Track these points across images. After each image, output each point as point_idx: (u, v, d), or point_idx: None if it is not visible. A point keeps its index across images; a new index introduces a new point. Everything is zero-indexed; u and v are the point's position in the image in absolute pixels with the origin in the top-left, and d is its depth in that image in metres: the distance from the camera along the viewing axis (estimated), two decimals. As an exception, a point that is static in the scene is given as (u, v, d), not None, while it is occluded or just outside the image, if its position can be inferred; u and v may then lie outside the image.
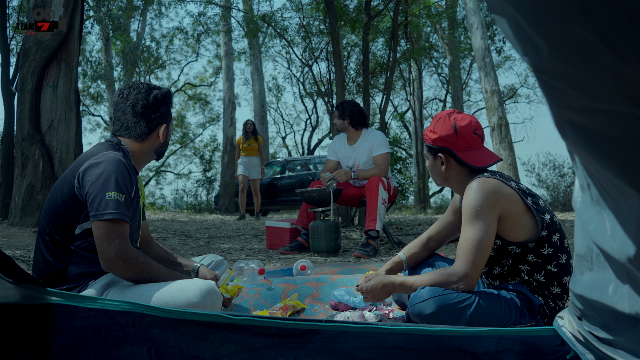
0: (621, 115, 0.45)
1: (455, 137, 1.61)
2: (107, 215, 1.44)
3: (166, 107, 1.71)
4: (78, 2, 4.57)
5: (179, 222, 6.91)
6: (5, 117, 5.56)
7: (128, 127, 1.67)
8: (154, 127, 1.69)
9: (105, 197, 1.45)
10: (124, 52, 13.20)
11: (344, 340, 1.13)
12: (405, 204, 14.48)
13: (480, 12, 8.76)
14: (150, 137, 1.69)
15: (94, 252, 1.52)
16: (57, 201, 1.54)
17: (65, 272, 1.53)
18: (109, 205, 1.44)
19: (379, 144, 3.92)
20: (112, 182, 1.47)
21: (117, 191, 1.47)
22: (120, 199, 1.47)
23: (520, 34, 0.46)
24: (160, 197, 24.47)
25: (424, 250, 1.92)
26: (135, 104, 1.65)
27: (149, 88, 1.68)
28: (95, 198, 1.45)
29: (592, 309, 0.88)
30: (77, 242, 1.54)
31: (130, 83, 1.71)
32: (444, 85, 18.13)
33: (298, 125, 35.81)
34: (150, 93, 1.67)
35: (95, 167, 1.49)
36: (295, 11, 7.90)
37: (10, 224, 4.22)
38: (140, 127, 1.67)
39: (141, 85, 1.68)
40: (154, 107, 1.67)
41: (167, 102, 1.71)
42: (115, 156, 1.53)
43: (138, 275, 1.49)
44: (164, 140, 1.74)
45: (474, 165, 1.61)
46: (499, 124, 8.28)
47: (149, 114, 1.67)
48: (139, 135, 1.67)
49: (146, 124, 1.67)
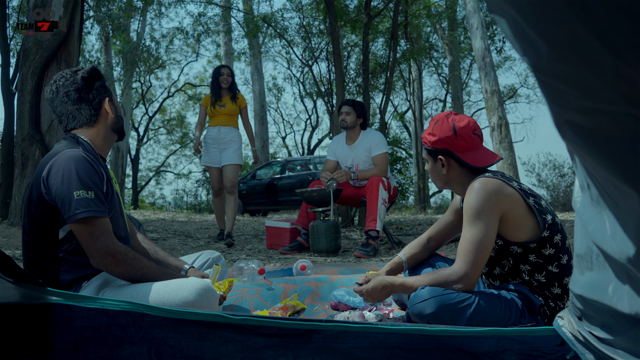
0: (621, 115, 0.45)
1: (455, 139, 1.61)
2: (80, 214, 1.40)
3: (99, 82, 1.66)
4: (78, 2, 4.57)
5: (178, 222, 6.91)
6: (5, 117, 5.56)
7: (75, 117, 1.62)
8: (98, 105, 1.64)
9: (74, 197, 1.41)
10: (123, 52, 13.19)
11: (344, 340, 1.13)
12: (405, 204, 14.48)
13: (480, 12, 8.76)
14: (99, 117, 1.64)
15: (83, 255, 1.49)
16: (32, 210, 1.50)
17: (57, 281, 1.50)
18: (80, 205, 1.40)
19: (378, 144, 3.93)
20: (76, 181, 1.43)
21: (84, 189, 1.43)
22: (89, 196, 1.43)
23: (519, 34, 0.46)
24: (160, 197, 24.50)
25: (424, 250, 1.92)
26: (68, 92, 1.60)
27: (72, 72, 1.63)
28: (65, 200, 1.42)
29: (592, 309, 0.88)
30: (64, 247, 1.50)
31: (54, 76, 1.65)
32: (444, 86, 18.14)
33: (298, 125, 35.88)
34: (77, 75, 1.62)
35: (56, 169, 1.45)
36: (295, 11, 7.90)
37: (10, 224, 4.22)
38: (85, 111, 1.62)
39: (64, 73, 1.63)
40: (86, 87, 1.62)
41: (97, 77, 1.66)
42: (74, 153, 1.48)
43: (129, 271, 1.46)
44: (116, 114, 1.68)
45: (475, 166, 1.61)
46: (499, 124, 8.28)
47: (86, 95, 1.62)
48: (89, 120, 1.63)
49: (88, 105, 1.62)
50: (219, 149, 4.47)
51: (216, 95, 4.48)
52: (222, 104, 4.46)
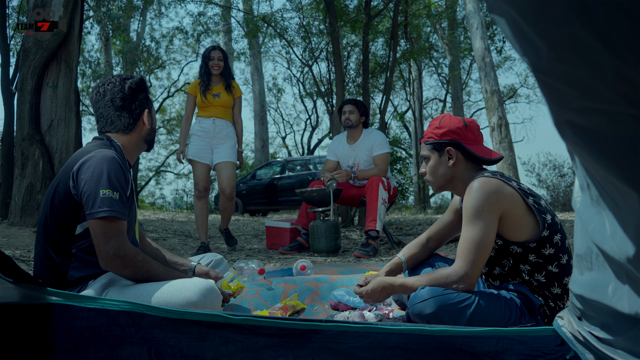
0: (620, 115, 0.45)
1: (465, 130, 1.65)
2: (102, 213, 1.44)
3: (143, 94, 1.75)
4: (78, 2, 4.57)
5: (178, 222, 6.91)
6: (5, 117, 5.56)
7: (113, 122, 1.70)
8: (137, 115, 1.72)
9: (100, 195, 1.45)
10: (123, 52, 13.20)
11: (344, 340, 1.13)
12: (405, 204, 14.48)
13: (480, 12, 8.77)
14: (136, 126, 1.72)
15: (94, 254, 1.52)
16: (54, 202, 1.54)
17: (65, 277, 1.53)
18: (104, 203, 1.45)
19: (379, 144, 3.93)
20: (106, 180, 1.47)
21: (111, 189, 1.47)
22: (114, 196, 1.47)
23: (519, 34, 0.46)
24: (160, 197, 24.50)
25: (423, 250, 1.92)
26: (114, 98, 1.68)
27: (121, 80, 1.71)
28: (90, 196, 1.46)
29: (592, 309, 0.88)
30: (79, 243, 1.54)
31: (102, 79, 1.74)
32: (444, 85, 18.13)
33: (298, 125, 35.79)
34: (125, 84, 1.70)
35: (88, 166, 1.50)
36: (295, 11, 7.90)
37: (10, 224, 4.22)
38: (125, 118, 1.70)
39: (114, 79, 1.71)
40: (131, 97, 1.71)
41: (142, 89, 1.74)
42: (108, 153, 1.54)
43: (136, 273, 1.49)
44: (151, 127, 1.77)
45: (482, 157, 1.62)
46: (499, 124, 8.28)
47: (129, 105, 1.70)
48: (126, 127, 1.70)
49: (129, 114, 1.70)
50: (210, 145, 3.77)
51: (205, 83, 3.76)
52: (216, 94, 3.77)
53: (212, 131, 3.75)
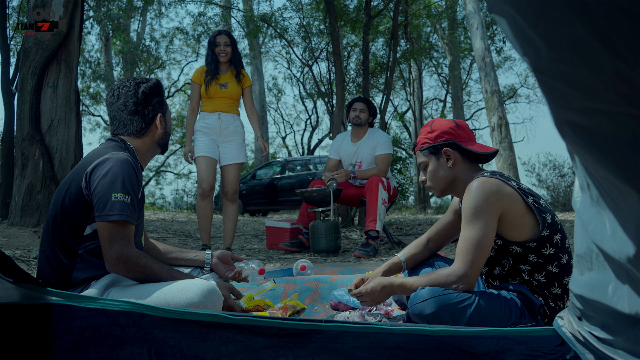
0: (620, 115, 0.45)
1: (457, 129, 1.67)
2: (113, 216, 1.44)
3: (158, 98, 1.73)
4: (78, 2, 4.57)
5: (178, 222, 6.91)
6: (5, 117, 5.56)
7: (126, 125, 1.69)
8: (150, 120, 1.71)
9: (112, 198, 1.45)
10: (123, 52, 13.20)
11: (344, 340, 1.13)
12: (405, 204, 14.47)
13: (480, 12, 8.76)
14: (149, 130, 1.72)
15: (100, 256, 1.52)
16: (65, 202, 1.53)
17: (69, 277, 1.53)
18: (115, 207, 1.45)
19: (383, 144, 3.94)
20: (119, 183, 1.47)
21: (124, 192, 1.47)
22: (126, 200, 1.47)
23: (519, 34, 0.46)
24: (160, 197, 24.47)
25: (423, 251, 1.92)
26: (127, 102, 1.68)
27: (136, 84, 1.70)
28: (102, 199, 1.46)
29: (592, 309, 0.88)
30: (86, 244, 1.54)
31: (118, 81, 1.74)
32: (444, 85, 18.12)
33: (298, 126, 35.81)
34: (139, 88, 1.69)
35: (102, 167, 1.50)
36: (295, 11, 7.90)
37: (10, 224, 4.22)
38: (137, 123, 1.69)
39: (129, 83, 1.70)
40: (144, 101, 1.70)
41: (157, 94, 1.73)
42: (123, 156, 1.53)
43: (139, 277, 1.50)
44: (164, 131, 1.76)
45: (479, 152, 1.63)
46: (499, 124, 8.28)
47: (142, 109, 1.69)
48: (138, 131, 1.70)
49: (141, 119, 1.69)
50: (217, 142, 3.48)
51: (212, 72, 3.39)
52: (224, 84, 3.40)
53: (217, 127, 3.45)
